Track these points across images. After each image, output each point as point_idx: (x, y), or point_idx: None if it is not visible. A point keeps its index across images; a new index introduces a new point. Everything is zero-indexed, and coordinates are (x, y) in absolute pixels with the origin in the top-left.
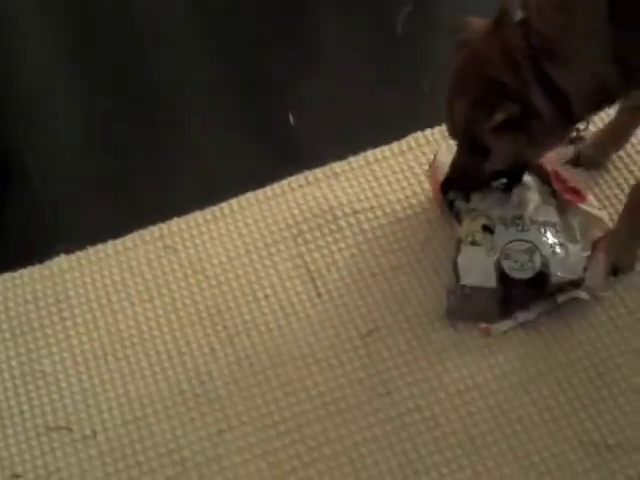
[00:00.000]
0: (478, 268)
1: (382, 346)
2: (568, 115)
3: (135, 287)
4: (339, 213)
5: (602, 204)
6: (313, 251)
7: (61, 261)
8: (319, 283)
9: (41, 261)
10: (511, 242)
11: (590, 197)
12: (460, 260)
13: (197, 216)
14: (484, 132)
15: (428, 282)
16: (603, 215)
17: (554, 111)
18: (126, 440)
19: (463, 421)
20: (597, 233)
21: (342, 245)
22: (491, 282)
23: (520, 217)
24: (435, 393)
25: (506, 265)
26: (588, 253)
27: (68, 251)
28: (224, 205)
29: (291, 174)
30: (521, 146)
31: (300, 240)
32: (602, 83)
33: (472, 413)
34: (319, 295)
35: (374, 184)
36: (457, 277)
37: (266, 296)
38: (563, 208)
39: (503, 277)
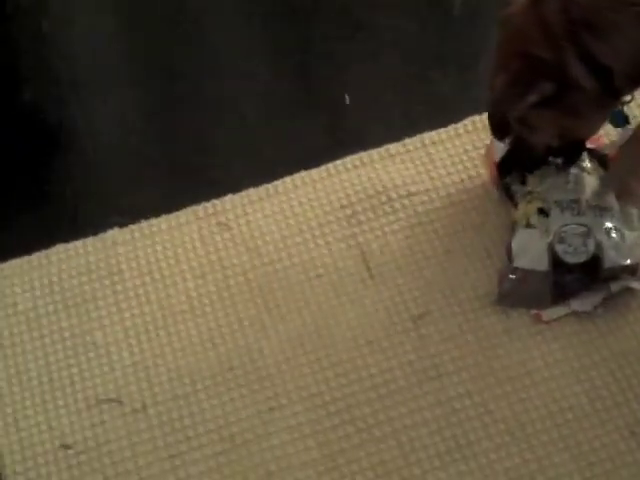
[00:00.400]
0: (532, 251)
1: (433, 329)
2: (611, 88)
3: (188, 263)
4: (394, 195)
5: None
6: (366, 232)
7: (115, 234)
8: (372, 264)
9: (95, 233)
10: (566, 225)
11: None
12: (514, 242)
13: (251, 193)
14: (523, 111)
15: (481, 266)
16: None
17: (596, 84)
18: (176, 415)
19: (513, 408)
20: None
21: (396, 227)
22: (544, 265)
23: (577, 201)
24: (485, 379)
25: (560, 248)
26: None
27: (122, 224)
28: (278, 183)
29: (346, 154)
30: (565, 122)
31: (354, 221)
32: None
33: (523, 400)
34: (372, 276)
35: (429, 167)
36: (510, 259)
37: (318, 276)
38: None
39: (556, 260)
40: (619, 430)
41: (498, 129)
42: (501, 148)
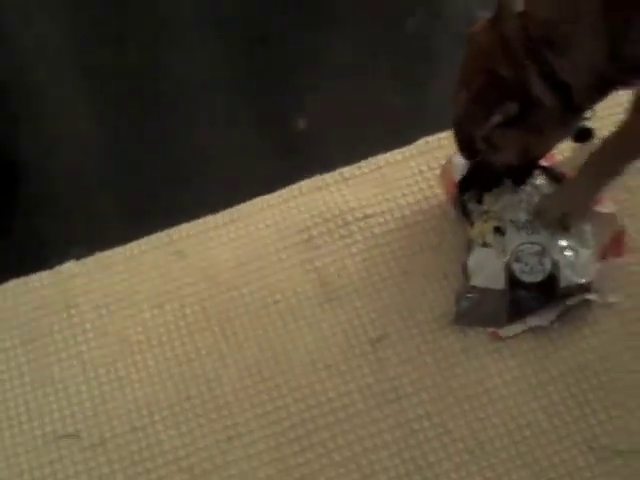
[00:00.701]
0: (488, 269)
1: (391, 352)
2: (571, 104)
3: (144, 293)
4: (350, 218)
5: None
6: (323, 256)
7: (71, 267)
8: (329, 288)
9: (51, 266)
10: (522, 245)
11: (605, 200)
12: (470, 261)
13: (207, 221)
14: (487, 130)
15: (439, 287)
16: (615, 214)
17: (557, 101)
18: (135, 447)
19: (471, 427)
20: (609, 233)
21: (353, 250)
22: (500, 284)
23: (532, 220)
24: (444, 399)
25: (516, 268)
26: (599, 257)
27: (78, 256)
28: (234, 210)
29: (301, 179)
30: (527, 139)
31: (310, 245)
32: (601, 73)
33: (481, 419)
34: (329, 300)
35: (385, 189)
36: (467, 278)
37: (276, 302)
38: None
39: (513, 279)
40: (577, 445)
41: (465, 147)
42: (460, 167)
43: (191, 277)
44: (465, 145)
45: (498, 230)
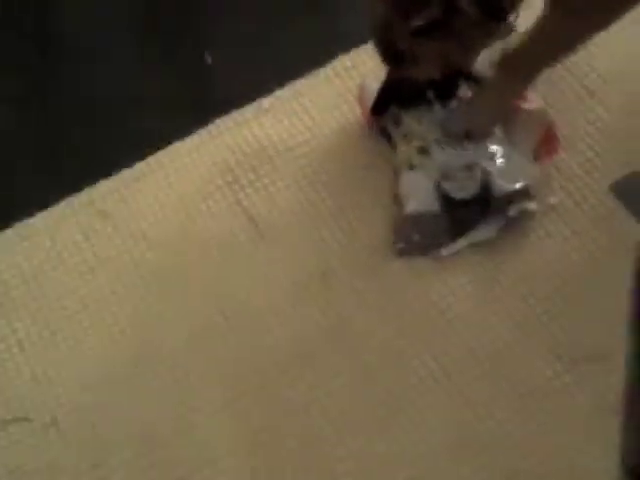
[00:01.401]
0: (420, 193)
1: (337, 286)
2: (494, 10)
3: (72, 260)
4: (272, 152)
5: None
6: (251, 195)
7: None
8: (262, 228)
9: None
10: (449, 161)
11: (529, 94)
12: (400, 187)
13: (125, 175)
14: (405, 38)
15: (376, 212)
16: (544, 109)
17: (478, 7)
18: (89, 422)
19: (433, 352)
20: (539, 131)
21: (280, 185)
22: (435, 206)
23: (446, 133)
24: (399, 328)
25: (447, 186)
26: (533, 159)
27: None
28: (151, 160)
29: (217, 116)
30: (449, 49)
31: (236, 186)
32: None
33: (441, 343)
34: (264, 241)
35: (305, 117)
36: (400, 206)
37: (209, 249)
38: None
39: (446, 199)
40: (543, 356)
41: (388, 57)
42: (373, 89)
43: (118, 237)
44: (387, 54)
45: (423, 150)
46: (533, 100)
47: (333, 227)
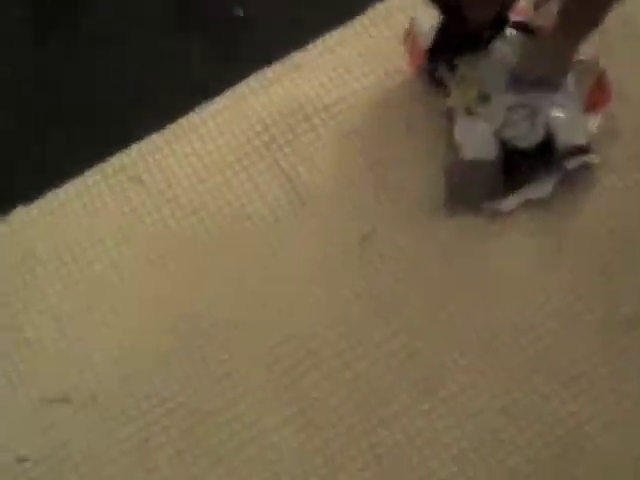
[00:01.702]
0: (477, 139)
1: (383, 249)
2: None
3: (106, 229)
4: (310, 110)
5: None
6: (289, 156)
7: (20, 214)
8: (302, 190)
9: None
10: (510, 108)
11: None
12: (457, 133)
13: (156, 138)
14: None
15: (420, 169)
16: (597, 58)
17: None
18: (130, 400)
19: (483, 319)
20: (592, 80)
21: (319, 145)
22: (492, 153)
23: (516, 79)
24: (449, 293)
25: (508, 133)
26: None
27: (26, 201)
28: (183, 121)
29: (249, 74)
30: None
31: (274, 146)
32: None
33: (491, 308)
34: (304, 204)
35: (342, 70)
36: (455, 151)
37: (248, 215)
38: None
39: (505, 147)
40: (598, 322)
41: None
42: (425, 31)
43: (152, 203)
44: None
45: (484, 96)
46: (584, 50)
47: (376, 187)
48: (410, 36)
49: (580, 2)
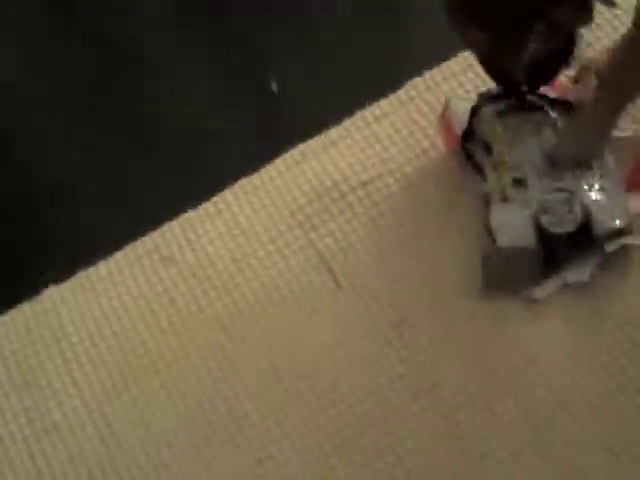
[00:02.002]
0: (514, 227)
1: (418, 333)
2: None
3: (138, 310)
4: (345, 188)
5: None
6: (325, 236)
7: (52, 293)
8: (337, 272)
9: (30, 297)
10: (547, 193)
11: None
12: (493, 220)
13: (190, 217)
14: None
15: (456, 250)
16: (636, 135)
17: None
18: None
19: (521, 406)
20: (632, 159)
21: (355, 224)
22: (529, 240)
23: (552, 162)
24: (485, 379)
25: (545, 220)
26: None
27: (57, 280)
28: (217, 199)
29: (284, 150)
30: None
31: (308, 226)
32: None
33: (530, 394)
34: (339, 286)
35: (378, 147)
36: (491, 239)
37: (282, 297)
38: None
39: (543, 234)
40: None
41: (500, 79)
42: (460, 112)
43: (185, 284)
44: (501, 76)
45: (518, 182)
46: (624, 127)
47: (412, 269)
48: (444, 118)
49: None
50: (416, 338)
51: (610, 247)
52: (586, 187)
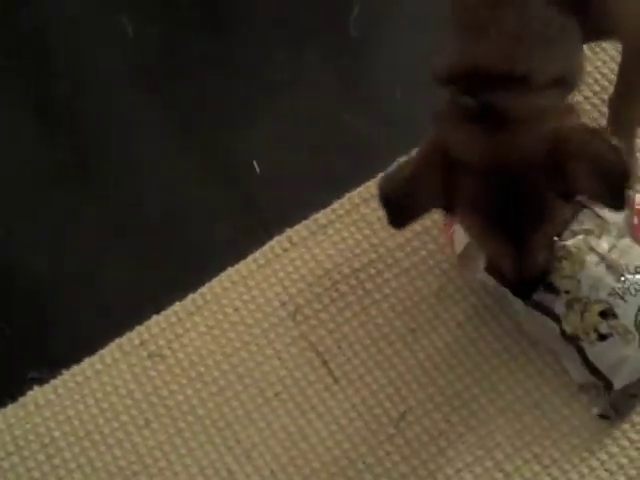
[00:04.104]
0: (625, 363)
1: (419, 429)
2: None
3: (127, 412)
4: (337, 276)
5: None
6: (317, 328)
7: (36, 395)
8: (332, 365)
9: (13, 399)
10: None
11: None
12: (600, 365)
13: (177, 309)
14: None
15: (453, 339)
16: None
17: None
18: None
19: None
20: None
21: (348, 314)
22: None
23: (621, 276)
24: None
25: None
26: None
27: (41, 381)
28: (204, 290)
29: (270, 237)
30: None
31: (300, 317)
32: None
33: None
34: (336, 381)
35: (367, 231)
36: (608, 385)
37: (276, 394)
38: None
39: None
40: None
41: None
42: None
43: (175, 382)
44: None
45: (606, 314)
46: None
47: (409, 359)
48: (448, 230)
49: None
50: (417, 434)
51: None
52: None
